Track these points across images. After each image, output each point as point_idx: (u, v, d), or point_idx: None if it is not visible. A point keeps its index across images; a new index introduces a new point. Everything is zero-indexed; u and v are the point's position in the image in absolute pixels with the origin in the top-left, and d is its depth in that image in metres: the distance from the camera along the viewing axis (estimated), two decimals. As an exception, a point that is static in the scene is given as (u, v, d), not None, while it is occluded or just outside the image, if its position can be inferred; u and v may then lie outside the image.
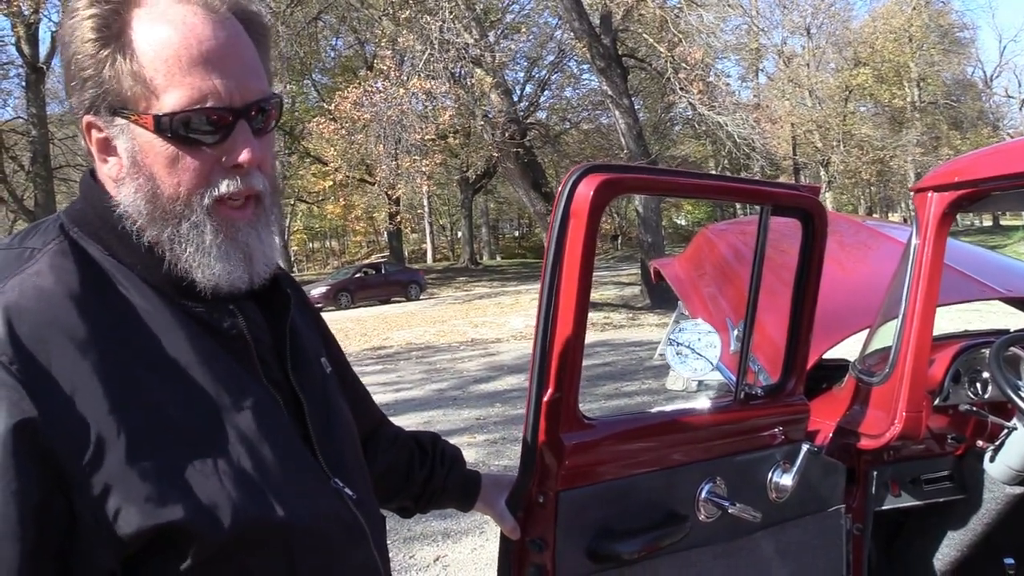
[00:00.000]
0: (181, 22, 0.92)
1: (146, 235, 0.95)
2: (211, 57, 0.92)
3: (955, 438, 2.44)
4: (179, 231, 0.95)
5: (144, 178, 0.94)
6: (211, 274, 0.96)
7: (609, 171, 1.50)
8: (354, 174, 24.62)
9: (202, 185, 0.95)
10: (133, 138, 0.93)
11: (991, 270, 3.10)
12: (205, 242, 0.95)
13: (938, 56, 45.18)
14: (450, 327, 18.46)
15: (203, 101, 0.92)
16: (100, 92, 0.93)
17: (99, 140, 0.96)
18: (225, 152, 0.95)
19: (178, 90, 0.91)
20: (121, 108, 0.93)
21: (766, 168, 35.19)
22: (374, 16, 20.06)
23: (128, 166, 0.95)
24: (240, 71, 0.95)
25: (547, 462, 1.53)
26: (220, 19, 0.95)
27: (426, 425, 8.26)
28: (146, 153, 0.93)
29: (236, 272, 0.97)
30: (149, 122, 0.92)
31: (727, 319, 2.81)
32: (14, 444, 0.80)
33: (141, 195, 0.94)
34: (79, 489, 0.83)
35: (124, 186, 0.95)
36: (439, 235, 55.26)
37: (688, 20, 20.60)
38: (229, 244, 0.97)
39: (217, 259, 0.96)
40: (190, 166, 0.94)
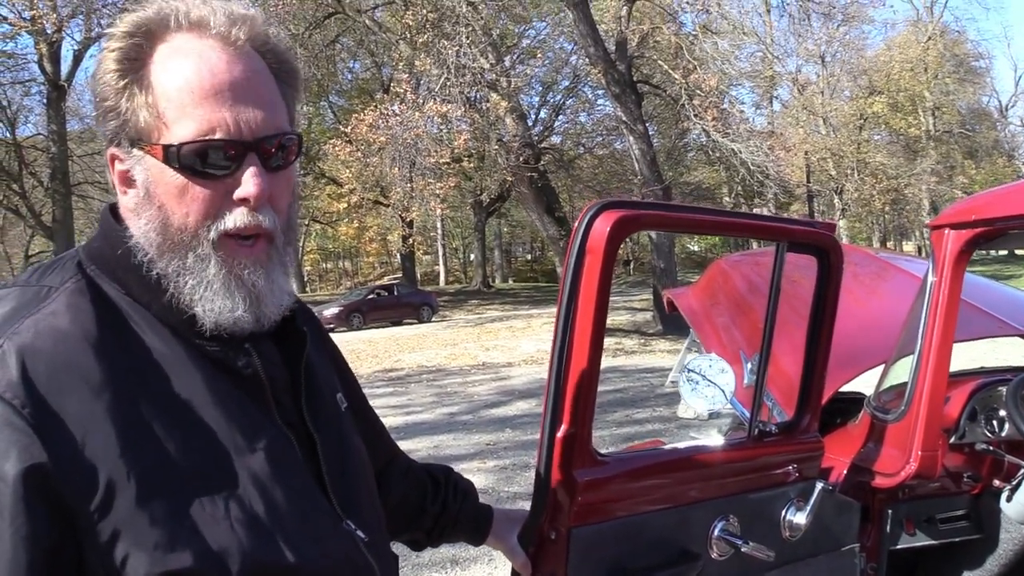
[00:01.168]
0: (198, 55, 0.94)
1: (156, 268, 0.96)
2: (223, 89, 0.93)
3: (971, 477, 2.41)
4: (184, 263, 0.95)
5: (155, 208, 0.95)
6: (211, 309, 0.95)
7: (626, 207, 1.51)
8: (369, 196, 24.75)
9: (209, 217, 0.95)
10: (147, 169, 0.95)
11: (1008, 306, 3.07)
12: (208, 275, 0.95)
13: (953, 85, 45.13)
14: (461, 350, 18.46)
15: (211, 132, 0.92)
16: (120, 123, 0.95)
17: (120, 172, 0.98)
18: (234, 185, 0.95)
19: (187, 121, 0.92)
20: (137, 140, 0.95)
21: (780, 195, 35.16)
22: (391, 40, 20.27)
23: (142, 197, 0.96)
24: (253, 104, 0.95)
25: (559, 498, 1.52)
26: (238, 53, 0.96)
27: (436, 449, 8.23)
28: (157, 183, 0.94)
29: (238, 311, 0.96)
30: (159, 152, 0.93)
31: (740, 352, 2.80)
32: (24, 490, 0.80)
33: (152, 226, 0.95)
34: (88, 535, 0.83)
35: (139, 217, 0.96)
36: (452, 257, 55.36)
37: (703, 47, 20.71)
38: (233, 281, 0.96)
39: (218, 294, 0.95)
40: (198, 197, 0.94)
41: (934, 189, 40.63)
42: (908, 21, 47.06)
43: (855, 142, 38.73)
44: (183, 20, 0.96)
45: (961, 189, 39.39)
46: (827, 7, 20.95)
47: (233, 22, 0.96)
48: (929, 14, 47.63)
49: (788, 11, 21.44)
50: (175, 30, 0.95)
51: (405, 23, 18.33)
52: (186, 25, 0.96)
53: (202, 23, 0.96)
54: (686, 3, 20.88)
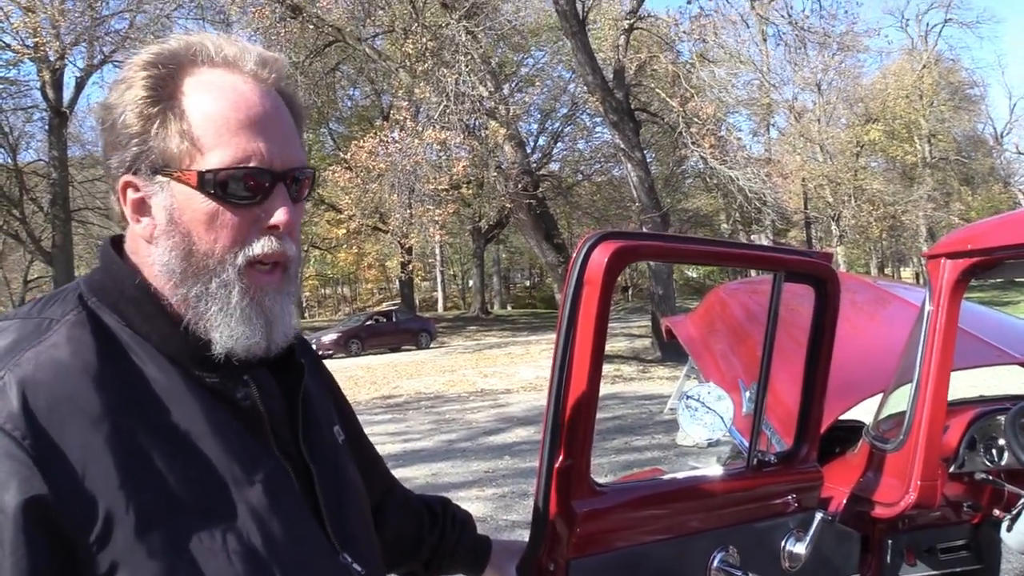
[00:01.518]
0: (232, 88, 0.97)
1: (174, 296, 0.96)
2: (258, 121, 0.96)
3: (971, 506, 2.41)
4: (208, 289, 0.96)
5: (180, 235, 0.96)
6: (229, 336, 0.96)
7: (624, 238, 1.52)
8: (368, 222, 24.82)
9: (237, 244, 0.96)
10: (172, 195, 0.96)
11: (1006, 334, 3.08)
12: (231, 303, 0.96)
13: (948, 113, 45.51)
14: (460, 376, 18.41)
15: (247, 161, 0.95)
16: (144, 150, 0.95)
17: (135, 200, 0.98)
18: (262, 213, 0.97)
19: (224, 149, 0.94)
20: (164, 166, 0.95)
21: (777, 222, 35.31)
22: (391, 68, 20.43)
23: (164, 223, 0.96)
24: (282, 138, 0.99)
25: (558, 530, 1.51)
26: (267, 89, 0.99)
27: (434, 477, 8.19)
28: (184, 210, 0.95)
29: (255, 337, 0.97)
30: (193, 178, 0.94)
31: (739, 380, 2.80)
32: (24, 521, 0.80)
33: (176, 252, 0.96)
34: (87, 567, 0.83)
35: (157, 245, 0.97)
36: (450, 284, 55.38)
37: (700, 75, 20.90)
38: (253, 308, 0.98)
39: (239, 322, 0.97)
40: (228, 223, 0.96)
41: (931, 216, 40.82)
42: (903, 50, 47.60)
43: (852, 169, 38.97)
44: (216, 55, 0.98)
45: (958, 216, 39.60)
46: (822, 36, 21.16)
47: (264, 62, 1.00)
48: (923, 43, 48.16)
49: (784, 40, 21.65)
50: (206, 64, 0.98)
51: (405, 51, 18.50)
52: (219, 61, 0.98)
53: (236, 60, 0.99)
54: (683, 32, 21.11)
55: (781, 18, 20.74)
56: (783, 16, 20.64)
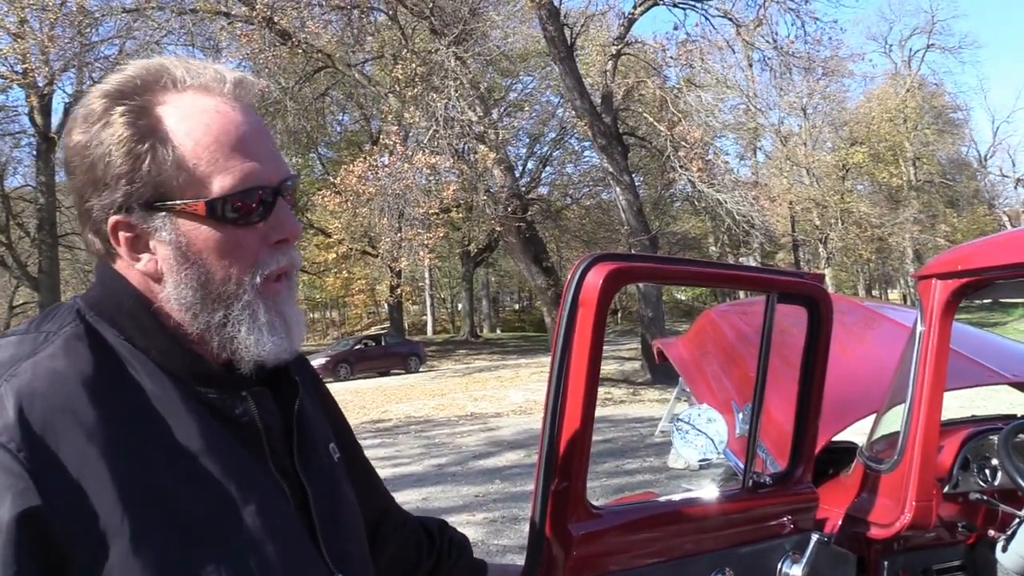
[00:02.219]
0: (214, 111, 0.95)
1: (194, 326, 0.96)
2: (247, 140, 0.96)
3: (966, 527, 2.40)
4: (231, 312, 0.96)
5: (193, 268, 0.95)
6: (261, 350, 0.97)
7: (618, 260, 1.52)
8: (357, 246, 24.81)
9: (252, 265, 0.97)
10: (178, 228, 0.94)
11: (997, 354, 3.10)
12: (260, 320, 0.97)
13: (933, 136, 46.06)
14: (450, 400, 18.33)
15: (248, 182, 0.95)
16: (135, 188, 0.93)
17: (129, 239, 0.95)
18: (268, 230, 0.98)
19: (225, 174, 0.94)
20: (162, 200, 0.93)
21: (765, 245, 35.51)
22: (380, 93, 20.53)
23: (172, 258, 0.95)
24: (270, 152, 0.99)
25: (554, 552, 1.50)
26: (244, 107, 0.99)
27: (424, 501, 8.13)
28: (194, 241, 0.94)
29: (282, 344, 0.99)
30: (201, 208, 0.93)
31: (732, 402, 2.79)
32: (18, 535, 0.79)
33: (189, 286, 0.95)
34: None
35: (167, 280, 0.95)
36: (439, 307, 55.29)
37: (687, 100, 21.09)
38: (276, 318, 0.99)
39: (269, 334, 0.98)
40: (241, 248, 0.96)
41: (917, 238, 41.17)
42: (887, 74, 48.23)
43: (838, 192, 39.32)
44: (188, 79, 0.97)
45: (944, 237, 39.95)
46: (807, 61, 21.39)
47: (237, 82, 1.00)
48: (907, 67, 48.81)
49: (770, 65, 21.84)
50: (177, 89, 0.96)
51: (394, 77, 18.60)
52: (192, 84, 0.97)
53: (210, 83, 0.98)
54: (670, 58, 21.32)
55: (766, 44, 20.98)
56: (768, 42, 20.88)
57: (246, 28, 17.85)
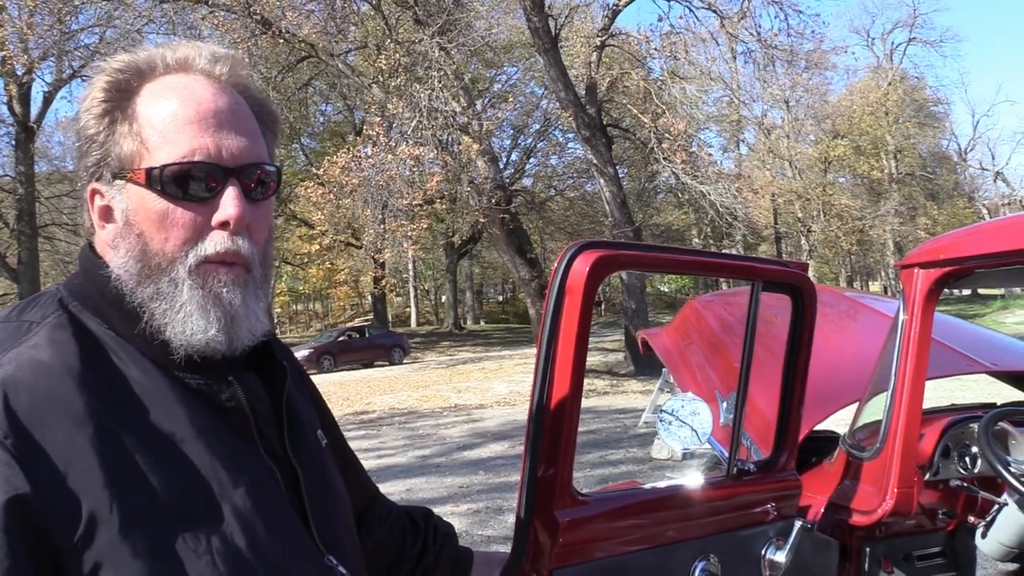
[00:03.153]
0: (183, 87, 0.97)
1: (135, 298, 0.96)
2: (206, 116, 0.95)
3: (946, 513, 2.43)
4: (159, 288, 0.95)
5: (135, 236, 0.95)
6: (182, 331, 0.94)
7: (605, 248, 1.52)
8: (340, 237, 24.73)
9: (188, 242, 0.95)
10: (127, 197, 0.96)
11: (977, 343, 3.13)
12: (181, 298, 0.95)
13: (914, 129, 46.41)
14: (433, 392, 18.33)
15: (192, 156, 0.94)
16: (102, 155, 0.96)
17: (101, 208, 0.98)
18: (214, 212, 0.96)
19: (172, 146, 0.94)
20: (119, 169, 0.96)
21: (748, 237, 35.68)
22: (364, 83, 20.43)
23: (121, 226, 0.96)
24: (235, 133, 0.97)
25: (541, 539, 1.51)
26: (221, 87, 0.99)
27: (409, 492, 8.13)
28: (137, 210, 0.95)
29: (211, 331, 0.95)
30: (141, 176, 0.94)
31: (716, 391, 2.81)
32: (6, 520, 0.79)
33: (131, 255, 0.95)
34: (69, 566, 0.82)
35: (118, 249, 0.96)
36: (423, 299, 55.21)
37: (671, 92, 21.14)
38: (211, 300, 0.96)
39: (191, 315, 0.95)
40: (178, 221, 0.95)
41: (898, 230, 41.52)
42: (869, 67, 48.47)
43: (820, 184, 39.55)
44: (170, 61, 0.99)
45: (924, 230, 40.29)
46: (790, 54, 21.47)
47: (216, 60, 1.00)
48: (889, 61, 49.09)
49: (753, 58, 21.91)
50: (163, 72, 0.99)
51: (378, 67, 18.54)
52: (173, 65, 0.99)
53: (187, 60, 0.99)
54: (654, 49, 21.35)
55: (750, 36, 21.03)
56: (752, 34, 20.92)
57: (227, 17, 17.70)
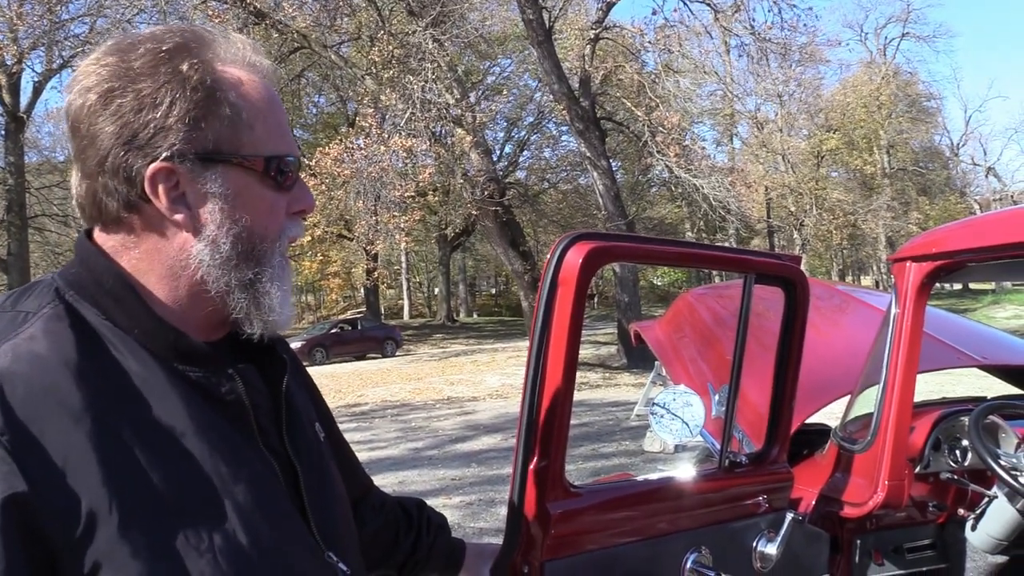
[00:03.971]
0: (260, 84, 1.00)
1: (218, 284, 0.96)
2: (282, 115, 1.03)
3: (936, 506, 2.44)
4: (263, 270, 0.99)
5: (237, 223, 0.96)
6: (281, 313, 1.01)
7: (597, 239, 1.52)
8: (333, 229, 24.66)
9: (280, 229, 1.01)
10: (230, 182, 0.95)
11: (968, 338, 3.14)
12: (284, 281, 1.02)
13: (906, 124, 46.52)
14: (426, 384, 18.34)
15: (291, 150, 1.02)
16: (194, 136, 0.92)
17: (168, 189, 0.93)
18: (291, 200, 1.02)
19: (276, 139, 0.99)
20: (217, 153, 0.94)
21: (741, 230, 35.74)
22: (357, 75, 20.34)
23: (218, 211, 0.95)
24: (290, 129, 1.06)
25: (532, 531, 1.51)
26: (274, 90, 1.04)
27: (401, 485, 8.14)
28: (241, 195, 0.96)
29: (291, 313, 1.03)
30: (259, 164, 0.97)
31: (708, 384, 2.82)
32: (4, 519, 0.78)
33: (230, 239, 0.95)
34: (68, 566, 0.80)
35: (206, 233, 0.95)
36: (416, 291, 55.18)
37: (665, 86, 21.12)
38: (289, 286, 1.04)
39: (288, 300, 1.02)
40: (276, 210, 1.00)
41: (890, 225, 41.65)
42: (862, 62, 48.57)
43: (813, 178, 39.63)
44: (238, 53, 1.00)
45: (916, 225, 40.44)
46: (783, 48, 21.47)
47: (271, 69, 1.05)
48: (882, 56, 49.17)
49: (747, 51, 21.88)
50: (229, 59, 0.98)
51: (371, 58, 18.45)
52: (239, 59, 0.99)
53: (251, 60, 1.01)
54: (648, 43, 21.30)
55: (743, 29, 21.00)
56: (745, 27, 20.89)
57: (219, 7, 17.60)
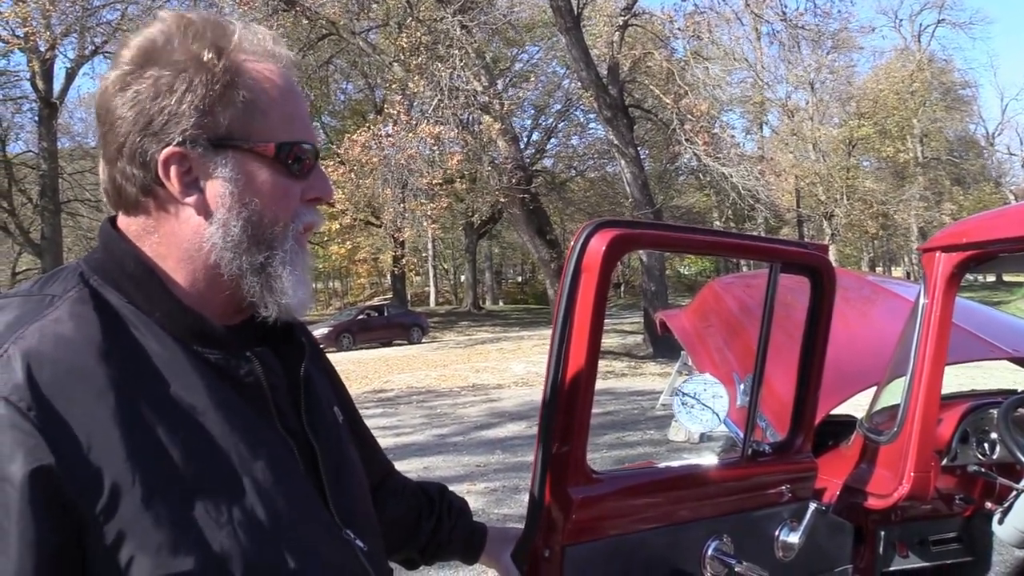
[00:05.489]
0: (277, 72, 1.01)
1: (231, 267, 0.98)
2: (299, 103, 1.04)
3: (963, 499, 2.42)
4: (275, 254, 1.00)
5: (247, 208, 0.98)
6: (295, 297, 1.01)
7: (621, 227, 1.52)
8: (360, 216, 24.75)
9: (292, 216, 1.02)
10: (242, 167, 0.97)
11: (998, 329, 3.10)
12: (297, 266, 1.02)
13: (940, 113, 45.70)
14: (452, 371, 18.40)
15: (306, 137, 1.02)
16: (207, 122, 0.94)
17: (180, 173, 0.96)
18: (307, 187, 1.03)
19: (290, 125, 1.00)
20: (228, 139, 0.96)
21: (770, 219, 35.38)
22: (385, 62, 20.36)
23: (230, 195, 0.97)
24: (309, 118, 1.07)
25: (553, 516, 1.52)
26: (292, 78, 1.05)
27: (426, 471, 8.19)
28: (252, 181, 0.98)
29: (307, 296, 1.04)
30: (271, 150, 0.98)
31: (733, 373, 2.80)
32: (31, 491, 0.80)
33: (240, 224, 0.97)
34: (93, 537, 0.83)
35: (217, 217, 0.97)
36: (442, 279, 55.32)
37: (694, 73, 20.90)
38: (305, 271, 1.04)
39: (301, 283, 1.03)
40: (289, 196, 1.01)
41: (922, 215, 41.01)
42: (895, 49, 47.76)
43: (844, 167, 39.09)
44: (256, 41, 1.01)
45: (949, 215, 39.78)
46: (816, 34, 21.19)
47: (292, 59, 1.06)
48: (916, 43, 48.30)
49: (778, 38, 21.61)
50: (249, 49, 1.00)
51: (399, 45, 18.45)
52: (259, 49, 1.01)
53: (273, 52, 1.02)
54: (678, 29, 21.09)
55: (775, 16, 20.70)
56: (777, 14, 20.59)
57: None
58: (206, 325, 0.98)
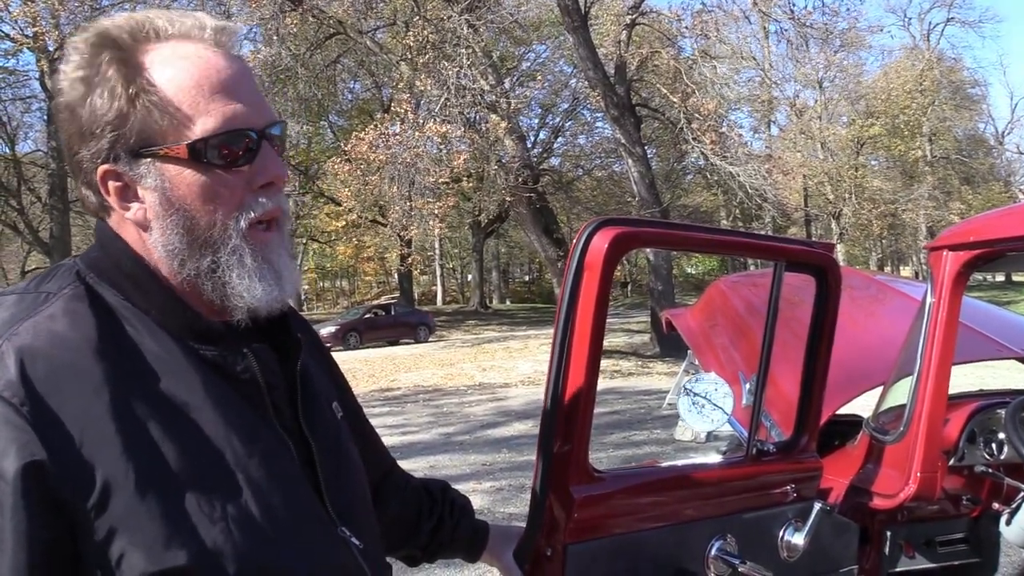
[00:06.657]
0: (196, 56, 0.96)
1: (182, 274, 0.96)
2: (229, 84, 0.96)
3: (970, 500, 2.40)
4: (219, 257, 0.96)
5: (178, 213, 0.95)
6: (253, 297, 0.98)
7: (624, 225, 1.51)
8: (367, 215, 24.81)
9: (236, 209, 0.97)
10: (162, 174, 0.95)
11: (1006, 329, 3.08)
12: (248, 265, 0.97)
13: (950, 111, 45.45)
14: (458, 370, 18.42)
15: (230, 124, 0.95)
16: (120, 135, 0.94)
17: (118, 188, 0.96)
18: (253, 174, 0.98)
19: (206, 116, 0.94)
20: (146, 147, 0.94)
21: (778, 219, 35.30)
22: (392, 60, 20.39)
23: (158, 204, 0.95)
24: (254, 96, 0.99)
25: (556, 514, 1.51)
26: (226, 52, 0.99)
27: (432, 469, 8.19)
28: (177, 186, 0.95)
29: (273, 292, 0.99)
30: (183, 151, 0.93)
31: (739, 372, 2.79)
32: (23, 486, 0.80)
33: (176, 231, 0.95)
34: (85, 532, 0.83)
35: (153, 228, 0.96)
36: (449, 278, 55.32)
37: (702, 71, 20.87)
38: (265, 265, 0.99)
39: (258, 280, 0.98)
40: (226, 191, 0.96)
41: (931, 214, 40.81)
42: (904, 48, 47.52)
43: (852, 166, 38.92)
44: (170, 28, 0.97)
45: (958, 215, 39.56)
46: (824, 33, 21.13)
47: (221, 29, 1.00)
48: (925, 41, 48.08)
49: (786, 36, 21.57)
50: (161, 39, 0.97)
51: (406, 44, 18.46)
52: (175, 33, 0.97)
53: (191, 30, 0.98)
54: (685, 28, 21.08)
55: (783, 14, 20.66)
56: (785, 12, 20.56)
57: (256, -7, 17.69)
58: (202, 322, 0.98)
